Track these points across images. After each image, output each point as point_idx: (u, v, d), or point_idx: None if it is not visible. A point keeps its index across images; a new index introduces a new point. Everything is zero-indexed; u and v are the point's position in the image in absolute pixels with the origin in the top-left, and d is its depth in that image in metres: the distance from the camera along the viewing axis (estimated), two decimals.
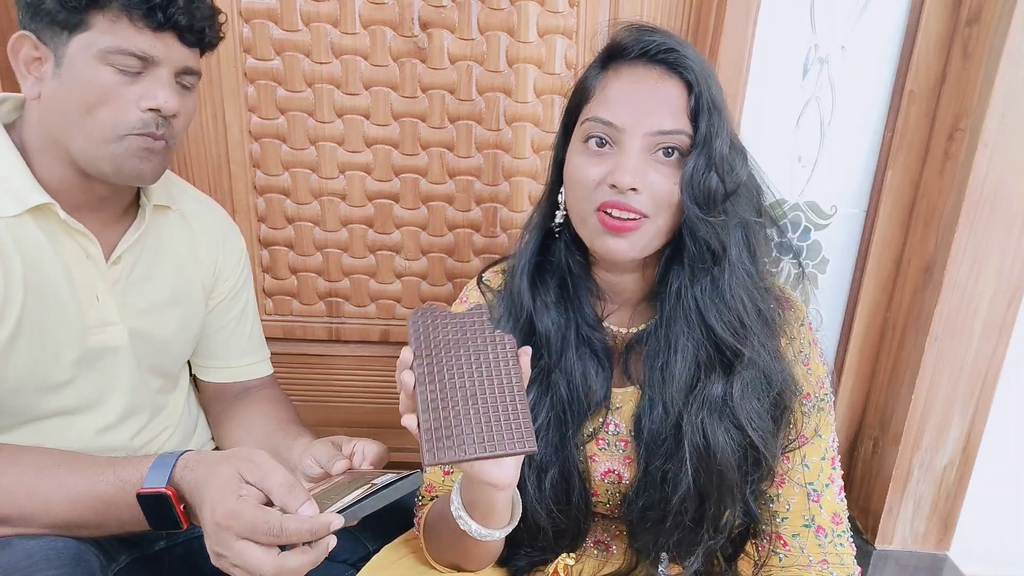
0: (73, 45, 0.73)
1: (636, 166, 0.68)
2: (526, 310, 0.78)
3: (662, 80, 0.70)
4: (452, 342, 0.68)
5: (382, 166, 1.28)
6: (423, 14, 1.19)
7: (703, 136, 0.68)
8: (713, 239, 0.70)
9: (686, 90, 0.69)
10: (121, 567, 0.89)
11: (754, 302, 0.73)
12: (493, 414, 0.65)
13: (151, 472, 0.71)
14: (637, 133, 0.69)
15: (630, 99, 0.70)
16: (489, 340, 0.68)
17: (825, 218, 1.31)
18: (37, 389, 0.81)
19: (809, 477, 0.77)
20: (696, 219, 0.69)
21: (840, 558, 0.77)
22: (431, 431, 0.63)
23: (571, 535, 0.82)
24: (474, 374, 0.66)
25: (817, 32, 1.20)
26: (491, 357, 0.67)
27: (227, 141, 1.25)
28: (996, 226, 1.16)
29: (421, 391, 0.65)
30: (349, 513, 0.65)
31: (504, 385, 0.66)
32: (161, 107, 0.76)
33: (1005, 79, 1.09)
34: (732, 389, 0.72)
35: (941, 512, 1.34)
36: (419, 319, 0.69)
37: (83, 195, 0.81)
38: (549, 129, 1.27)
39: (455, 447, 0.62)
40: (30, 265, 0.77)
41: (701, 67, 0.70)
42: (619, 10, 1.21)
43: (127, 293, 0.87)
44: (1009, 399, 1.28)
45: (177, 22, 0.74)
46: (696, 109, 0.69)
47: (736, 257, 0.72)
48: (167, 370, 0.95)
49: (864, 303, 1.34)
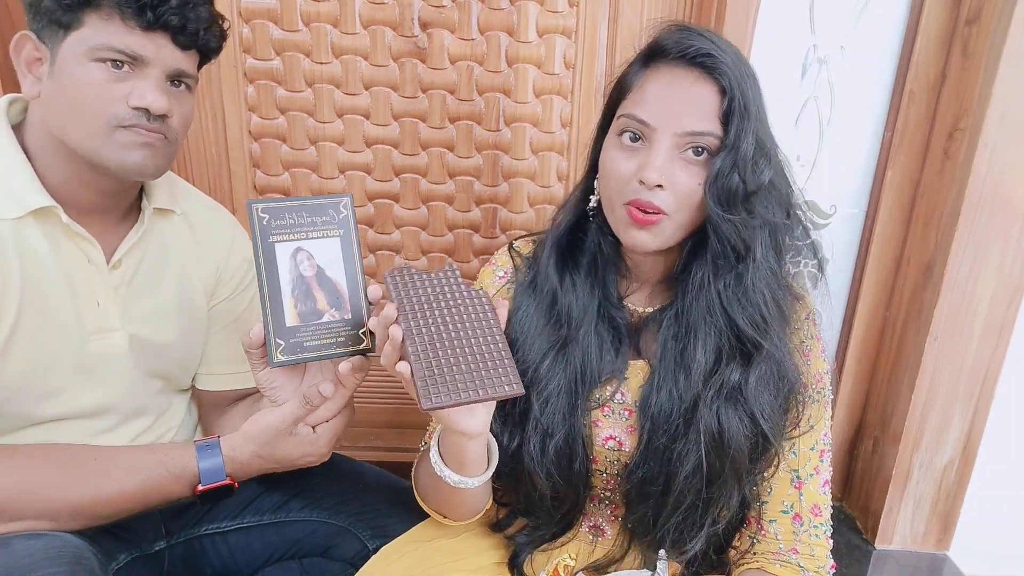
0: (67, 43, 0.74)
1: (663, 164, 0.72)
2: (551, 283, 0.82)
3: (698, 83, 0.72)
4: (432, 297, 0.71)
5: (382, 166, 1.28)
6: (423, 14, 1.19)
7: (732, 139, 0.70)
8: (735, 238, 0.73)
9: (719, 93, 0.71)
10: (121, 566, 0.88)
11: (775, 299, 0.76)
12: (480, 360, 0.68)
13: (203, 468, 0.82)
14: (667, 132, 0.72)
15: (664, 99, 0.73)
16: (465, 295, 0.72)
17: (825, 218, 1.31)
18: (34, 396, 0.80)
19: (795, 464, 0.79)
20: (718, 218, 0.72)
21: (811, 548, 0.78)
22: (424, 378, 0.65)
23: (569, 503, 0.84)
24: (457, 325, 0.70)
25: (816, 32, 1.20)
26: (470, 309, 0.71)
27: (227, 141, 1.25)
28: (996, 226, 1.16)
29: (411, 342, 0.67)
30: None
31: (486, 334, 0.70)
32: (149, 106, 0.76)
33: (1005, 79, 1.09)
34: (748, 380, 0.75)
35: (941, 512, 1.34)
36: (396, 277, 0.71)
37: (86, 197, 0.81)
38: (548, 130, 1.27)
39: (450, 392, 0.65)
40: (29, 269, 0.77)
41: (738, 71, 0.71)
42: (619, 10, 1.21)
43: (129, 298, 0.86)
44: (1009, 399, 1.28)
45: (168, 22, 0.75)
46: (728, 112, 0.71)
47: (762, 256, 0.74)
48: (170, 375, 0.94)
49: (864, 303, 1.34)
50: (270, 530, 0.98)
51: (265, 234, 0.69)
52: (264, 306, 0.69)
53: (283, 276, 0.70)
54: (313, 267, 0.71)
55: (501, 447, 0.81)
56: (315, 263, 0.71)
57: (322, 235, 0.71)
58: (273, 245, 0.69)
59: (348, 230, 0.72)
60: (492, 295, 0.87)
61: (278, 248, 0.70)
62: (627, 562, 0.84)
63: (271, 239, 0.69)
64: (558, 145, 1.28)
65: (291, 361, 0.70)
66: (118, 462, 0.81)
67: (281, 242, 0.70)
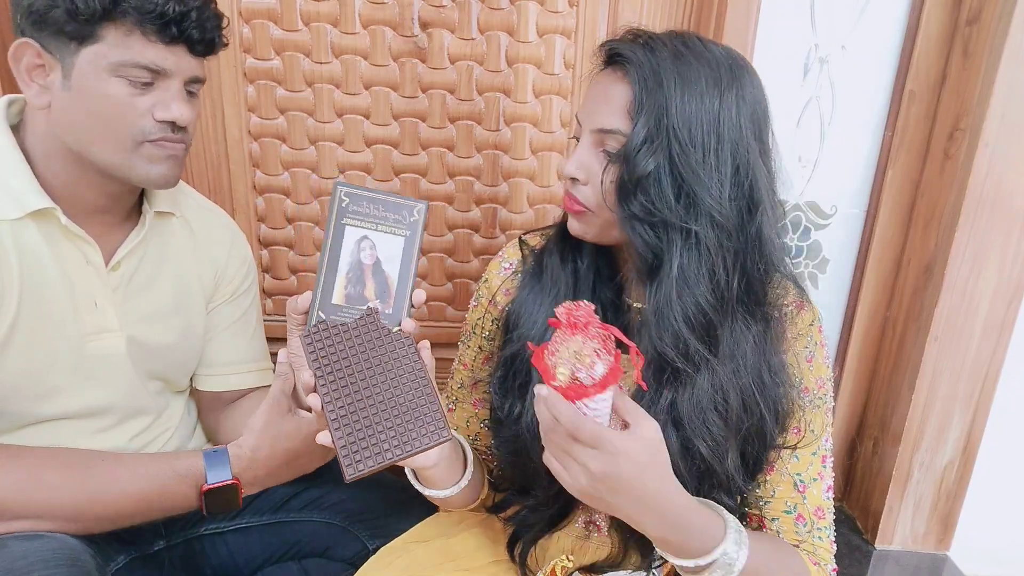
0: (83, 57, 0.73)
1: (580, 158, 0.75)
2: (553, 266, 0.83)
3: (615, 82, 0.73)
4: (350, 350, 0.70)
5: (382, 166, 1.28)
6: (423, 14, 1.19)
7: (633, 134, 0.70)
8: (640, 242, 0.71)
9: (631, 91, 0.71)
10: (120, 567, 0.88)
11: (703, 314, 0.71)
12: (403, 413, 0.68)
13: (210, 470, 0.82)
14: (587, 129, 0.75)
15: (589, 98, 0.76)
16: (386, 341, 0.71)
17: (825, 218, 1.31)
18: (33, 395, 0.80)
19: (798, 468, 0.79)
20: (621, 217, 0.72)
21: (816, 549, 0.78)
22: (347, 446, 0.65)
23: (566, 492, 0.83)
24: (378, 378, 0.69)
25: (817, 32, 1.20)
26: (392, 357, 0.70)
27: (227, 141, 1.25)
28: (996, 226, 1.16)
29: (330, 409, 0.67)
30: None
31: (410, 381, 0.69)
32: (176, 119, 0.77)
33: (1005, 79, 1.09)
34: (679, 403, 0.72)
35: (941, 512, 1.34)
36: (312, 338, 0.71)
37: (88, 199, 0.81)
38: (548, 129, 1.27)
39: (372, 455, 0.65)
40: (28, 270, 0.77)
41: (653, 68, 0.69)
42: (619, 10, 1.21)
43: (127, 300, 0.86)
44: (1009, 399, 1.28)
45: (190, 36, 0.75)
46: (637, 110, 0.70)
47: (681, 268, 0.71)
48: (168, 376, 0.94)
49: (864, 303, 1.34)
50: (269, 530, 0.99)
51: (341, 215, 0.72)
52: (319, 278, 0.72)
53: (343, 257, 0.72)
54: (373, 257, 0.73)
55: (502, 417, 0.82)
56: (375, 254, 0.73)
57: (390, 231, 0.73)
58: (344, 227, 0.72)
59: (414, 234, 0.74)
60: (497, 287, 0.89)
61: (347, 231, 0.72)
62: (626, 563, 0.84)
63: (344, 221, 0.72)
64: (558, 145, 1.28)
65: None
66: (122, 464, 0.81)
67: (352, 226, 0.73)
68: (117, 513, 0.80)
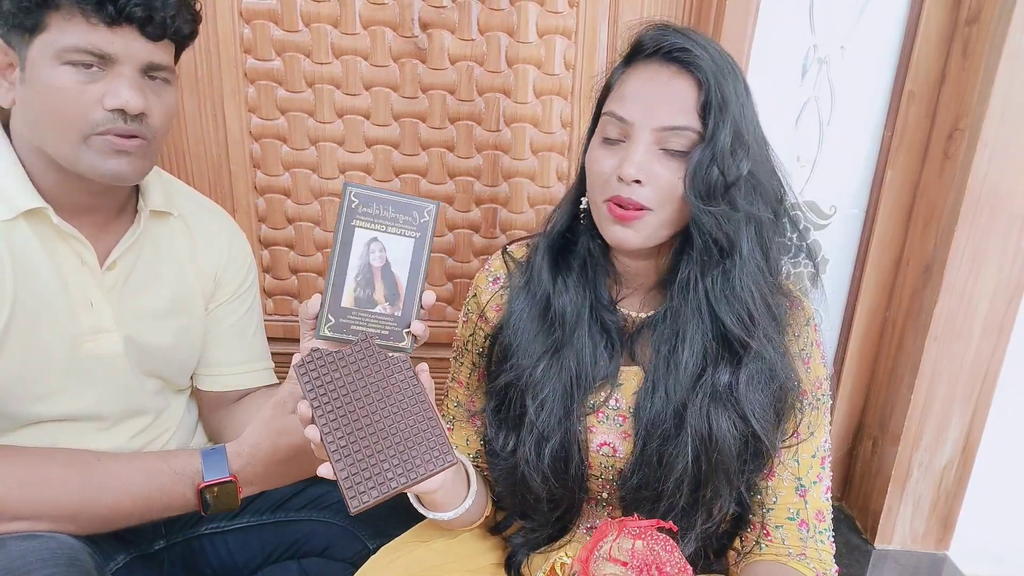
0: (34, 48, 0.71)
1: (641, 159, 0.71)
2: (544, 286, 0.82)
3: (674, 77, 0.72)
4: (347, 378, 0.69)
5: (382, 166, 1.28)
6: (423, 14, 1.20)
7: (710, 132, 0.70)
8: (718, 232, 0.72)
9: (696, 87, 0.71)
10: (119, 566, 0.88)
11: (764, 297, 0.75)
12: (406, 440, 0.66)
13: (207, 467, 0.82)
14: (646, 128, 0.72)
15: (642, 95, 0.73)
16: (383, 366, 0.70)
17: (825, 218, 1.31)
18: (29, 396, 0.80)
19: (798, 472, 0.79)
20: (699, 212, 0.72)
21: (819, 554, 0.79)
22: (349, 477, 0.64)
23: (565, 506, 0.84)
24: (376, 405, 0.67)
25: (816, 32, 1.20)
26: (390, 383, 0.69)
27: (227, 141, 1.25)
28: (995, 226, 1.16)
29: (329, 441, 0.65)
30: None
31: (410, 407, 0.68)
32: (124, 106, 0.73)
33: (1005, 79, 1.09)
34: (738, 380, 0.74)
35: (940, 512, 1.34)
36: (307, 367, 0.69)
37: (76, 199, 0.80)
38: (548, 130, 1.27)
39: (376, 485, 0.63)
40: (21, 270, 0.77)
41: (716, 64, 0.71)
42: (619, 10, 1.21)
43: (123, 300, 0.86)
44: (1009, 399, 1.28)
45: (132, 15, 0.71)
46: (706, 106, 0.71)
47: (748, 252, 0.74)
48: (167, 376, 0.94)
49: (864, 303, 1.34)
50: (269, 530, 0.99)
51: (351, 216, 0.71)
52: (328, 281, 0.71)
53: (353, 259, 0.71)
54: (382, 259, 0.72)
55: (497, 449, 0.81)
56: (385, 256, 0.72)
57: (400, 233, 0.72)
58: (354, 228, 0.71)
59: (425, 235, 0.73)
60: (486, 302, 0.87)
61: (357, 232, 0.71)
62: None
63: (354, 222, 0.71)
64: (558, 145, 1.28)
65: (335, 338, 0.71)
66: (120, 463, 0.81)
67: (361, 228, 0.71)
68: (116, 512, 0.80)
